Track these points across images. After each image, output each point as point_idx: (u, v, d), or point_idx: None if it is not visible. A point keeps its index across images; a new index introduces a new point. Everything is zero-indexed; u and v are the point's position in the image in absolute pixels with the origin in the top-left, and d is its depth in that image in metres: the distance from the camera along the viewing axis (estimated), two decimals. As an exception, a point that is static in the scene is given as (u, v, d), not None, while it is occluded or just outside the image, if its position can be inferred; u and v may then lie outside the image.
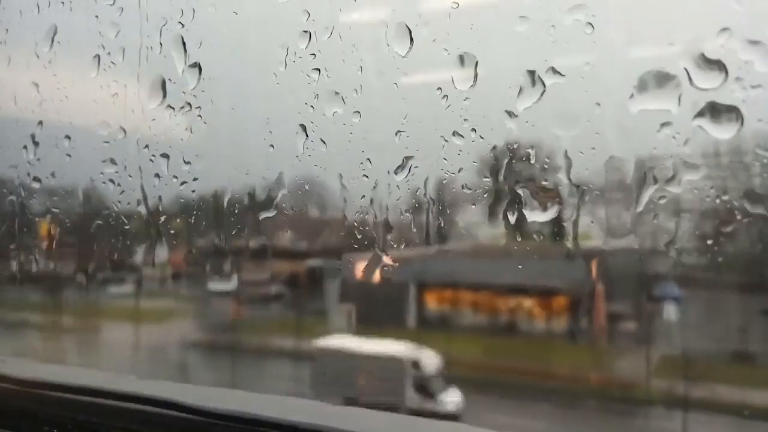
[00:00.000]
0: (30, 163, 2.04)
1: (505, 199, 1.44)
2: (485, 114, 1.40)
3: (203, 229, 2.03)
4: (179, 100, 1.73)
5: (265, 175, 1.77)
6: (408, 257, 1.77)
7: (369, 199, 1.57)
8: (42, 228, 2.24)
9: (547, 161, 1.39)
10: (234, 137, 1.86)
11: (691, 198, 1.27)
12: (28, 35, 2.03)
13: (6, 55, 2.13)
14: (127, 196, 1.90)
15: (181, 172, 1.80)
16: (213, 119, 1.76)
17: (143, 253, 2.04)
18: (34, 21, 2.02)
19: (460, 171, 1.47)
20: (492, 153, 1.45)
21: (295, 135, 1.58)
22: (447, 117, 1.41)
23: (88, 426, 1.46)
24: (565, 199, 1.38)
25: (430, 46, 1.42)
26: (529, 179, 1.42)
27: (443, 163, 1.46)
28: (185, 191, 1.81)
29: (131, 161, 1.86)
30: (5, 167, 2.15)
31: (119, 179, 1.90)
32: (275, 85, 1.62)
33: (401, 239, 1.62)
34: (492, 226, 1.60)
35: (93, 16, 1.87)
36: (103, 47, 1.84)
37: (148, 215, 1.89)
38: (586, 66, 1.29)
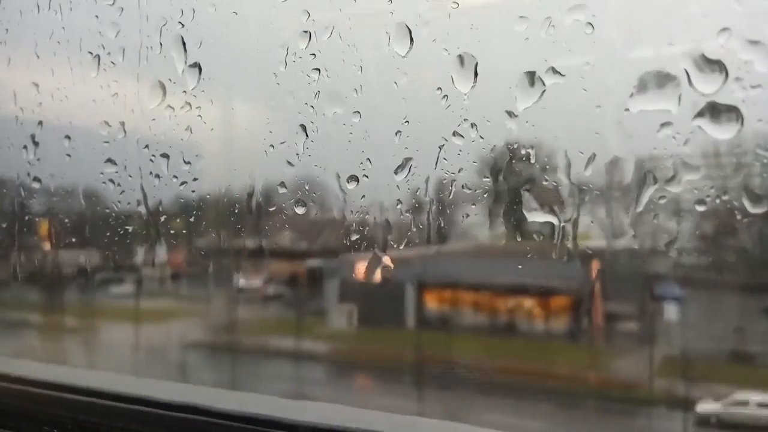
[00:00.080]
0: (30, 163, 2.04)
1: (505, 200, 1.44)
2: (485, 114, 1.40)
3: (203, 229, 2.03)
4: (179, 100, 1.73)
5: (265, 175, 1.77)
6: (408, 257, 1.76)
7: (369, 200, 1.57)
8: (42, 228, 2.24)
9: (547, 161, 1.39)
10: (234, 137, 1.86)
11: (691, 198, 1.27)
12: (28, 35, 2.03)
13: (6, 55, 2.13)
14: (127, 196, 1.90)
15: (181, 172, 1.80)
16: (213, 119, 1.76)
17: (143, 253, 2.04)
18: (34, 21, 2.02)
19: (460, 171, 1.47)
20: (492, 153, 1.45)
21: (295, 135, 1.58)
22: (447, 117, 1.41)
23: (88, 426, 1.46)
24: (565, 199, 1.38)
25: (430, 46, 1.42)
26: (529, 179, 1.42)
27: (443, 163, 1.46)
28: (185, 191, 1.81)
29: (131, 161, 1.86)
30: (5, 167, 2.15)
31: (119, 179, 1.90)
32: (275, 85, 1.62)
33: (401, 239, 1.62)
34: (492, 226, 1.60)
35: (93, 16, 1.87)
36: (103, 47, 1.84)
37: (148, 215, 1.89)
38: (586, 66, 1.29)
